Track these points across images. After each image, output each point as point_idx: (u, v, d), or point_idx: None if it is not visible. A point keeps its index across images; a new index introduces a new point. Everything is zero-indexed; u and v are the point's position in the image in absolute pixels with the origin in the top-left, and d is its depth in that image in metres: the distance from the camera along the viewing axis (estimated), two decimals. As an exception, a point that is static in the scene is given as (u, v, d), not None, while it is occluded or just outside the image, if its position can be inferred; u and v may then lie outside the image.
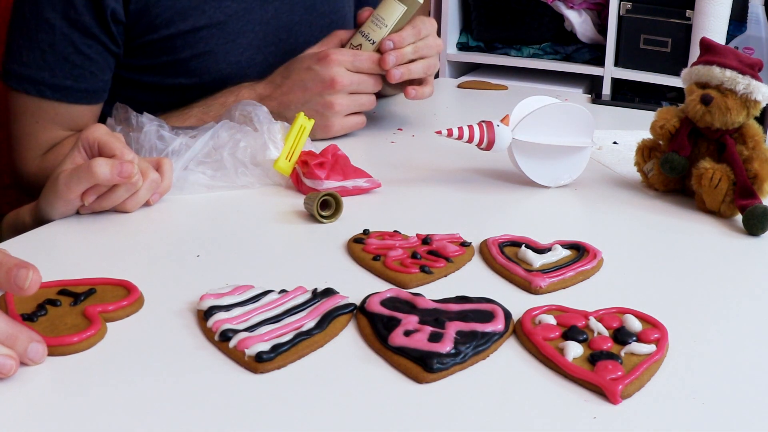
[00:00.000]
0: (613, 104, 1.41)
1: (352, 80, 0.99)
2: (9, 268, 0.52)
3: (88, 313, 0.58)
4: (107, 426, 0.47)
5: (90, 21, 0.95)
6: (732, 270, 0.73)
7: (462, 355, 0.54)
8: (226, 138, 0.86)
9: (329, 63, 0.98)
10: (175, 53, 1.01)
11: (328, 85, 0.98)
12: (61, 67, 0.96)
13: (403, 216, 0.81)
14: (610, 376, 0.52)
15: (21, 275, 0.52)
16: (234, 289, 0.61)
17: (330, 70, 0.98)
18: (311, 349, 0.55)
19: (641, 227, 0.82)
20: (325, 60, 0.98)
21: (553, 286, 0.65)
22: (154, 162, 0.79)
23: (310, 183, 0.84)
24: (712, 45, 0.84)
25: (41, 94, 0.97)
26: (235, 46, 1.03)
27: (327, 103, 0.99)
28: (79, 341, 0.55)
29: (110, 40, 0.97)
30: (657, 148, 0.89)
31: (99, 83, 0.99)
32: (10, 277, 0.52)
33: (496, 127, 0.87)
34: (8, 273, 0.52)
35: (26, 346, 0.52)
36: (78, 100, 0.98)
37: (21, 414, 0.48)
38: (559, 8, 2.37)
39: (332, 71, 0.98)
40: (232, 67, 1.04)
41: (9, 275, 0.52)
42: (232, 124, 0.88)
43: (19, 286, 0.52)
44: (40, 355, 0.52)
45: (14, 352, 0.51)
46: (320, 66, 0.98)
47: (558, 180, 0.90)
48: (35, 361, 0.52)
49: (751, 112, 0.83)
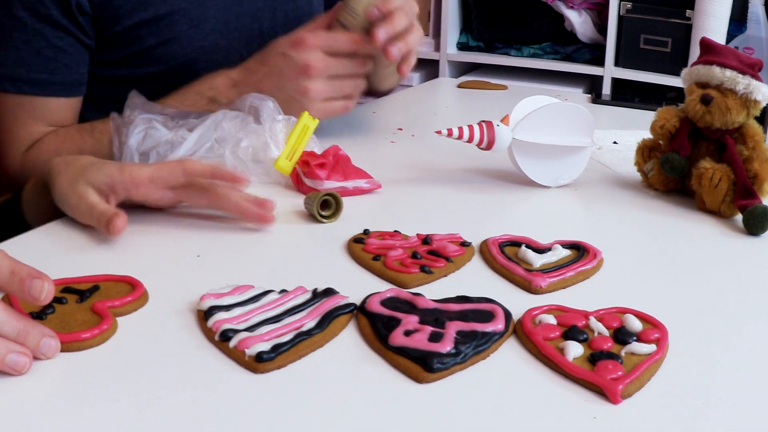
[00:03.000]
0: (613, 104, 1.41)
1: (328, 64, 0.96)
2: (22, 278, 0.52)
3: (96, 309, 0.58)
4: (107, 426, 0.47)
5: (58, 14, 0.96)
6: (732, 270, 0.73)
7: (462, 355, 0.54)
8: (232, 131, 0.86)
9: (304, 47, 0.95)
10: (141, 42, 1.01)
11: (302, 71, 0.95)
12: (35, 61, 0.97)
13: (403, 216, 0.81)
14: (611, 376, 0.52)
15: (36, 286, 0.52)
16: (234, 289, 0.61)
17: (304, 55, 0.95)
18: (311, 349, 0.55)
19: (641, 227, 0.82)
20: (300, 44, 0.95)
21: (553, 286, 0.65)
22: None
23: (310, 183, 0.84)
24: (712, 45, 0.84)
25: (19, 90, 0.98)
26: (199, 31, 1.03)
27: (302, 89, 0.95)
28: (92, 337, 0.55)
29: (81, 32, 0.98)
30: (657, 148, 0.89)
31: (74, 75, 1.00)
32: (24, 288, 0.52)
33: (496, 127, 0.87)
34: (22, 283, 0.52)
35: (38, 341, 0.52)
36: (54, 93, 0.99)
37: (23, 414, 0.48)
38: (559, 8, 2.37)
39: (307, 56, 0.95)
40: (197, 51, 1.03)
41: (23, 286, 0.52)
42: (235, 114, 0.88)
43: (34, 296, 0.52)
44: (53, 350, 0.53)
45: (27, 349, 0.51)
46: (295, 51, 0.95)
47: (558, 180, 0.90)
48: (48, 356, 0.52)
49: (751, 112, 0.83)
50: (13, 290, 0.52)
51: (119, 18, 0.99)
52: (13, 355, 0.50)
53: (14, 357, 0.50)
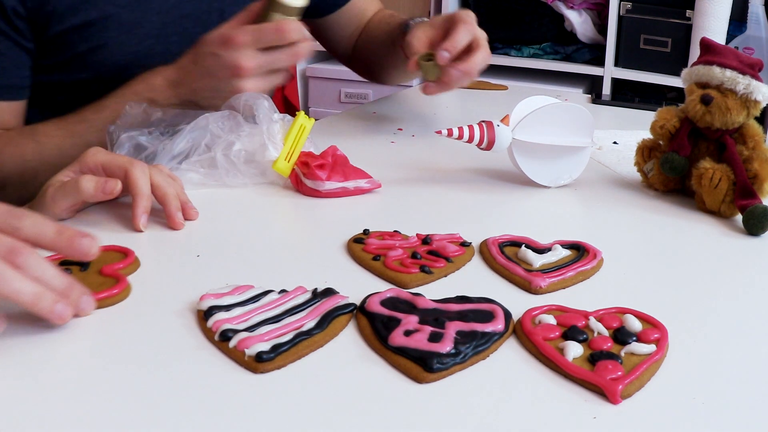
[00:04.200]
0: (613, 104, 1.41)
1: (259, 62, 0.92)
2: (71, 236, 0.57)
3: (105, 272, 0.64)
4: (107, 426, 0.47)
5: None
6: (732, 270, 0.73)
7: (462, 355, 0.54)
8: (221, 133, 0.86)
9: (233, 46, 0.91)
10: (73, 48, 0.99)
11: (234, 72, 0.91)
12: None
13: (403, 216, 0.81)
14: (610, 376, 0.52)
15: (85, 243, 0.57)
16: (234, 289, 0.61)
17: (235, 55, 0.91)
18: (311, 349, 0.55)
19: (641, 227, 0.82)
20: (229, 43, 0.91)
21: (553, 286, 0.65)
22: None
23: (310, 184, 0.84)
24: (712, 45, 0.84)
25: None
26: (131, 37, 1.01)
27: (236, 89, 0.92)
28: (119, 291, 0.61)
29: (18, 35, 0.97)
30: (657, 148, 0.89)
31: (14, 79, 0.99)
32: (73, 245, 0.57)
33: (496, 127, 0.87)
34: (71, 240, 0.57)
35: (80, 297, 0.57)
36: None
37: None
38: (559, 8, 2.37)
39: (237, 55, 0.91)
40: (128, 57, 1.01)
41: (72, 243, 0.57)
42: (223, 114, 0.88)
43: (84, 252, 0.57)
44: (90, 307, 0.58)
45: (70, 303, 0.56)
46: (224, 51, 0.92)
47: (558, 180, 0.90)
48: (86, 312, 0.58)
49: (751, 112, 0.83)
50: (61, 248, 0.57)
51: (51, 23, 0.97)
52: (60, 305, 0.55)
53: (61, 307, 0.55)
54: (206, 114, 0.89)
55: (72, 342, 0.56)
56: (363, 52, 1.30)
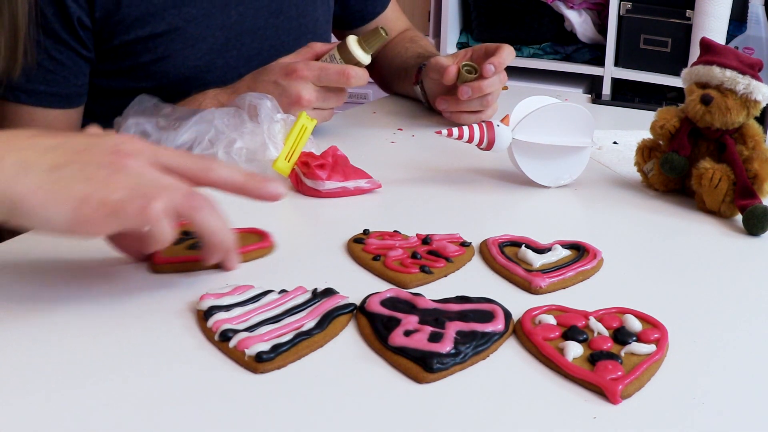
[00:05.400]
0: (613, 104, 1.41)
1: (317, 97, 0.98)
2: (260, 180, 0.62)
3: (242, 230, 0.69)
4: (106, 425, 0.47)
5: (59, 28, 0.97)
6: (732, 270, 0.73)
7: (462, 355, 0.54)
8: (225, 130, 0.86)
9: (296, 78, 0.97)
10: (136, 58, 1.02)
11: (294, 102, 0.96)
12: (35, 72, 0.97)
13: (403, 216, 0.81)
14: (610, 376, 0.52)
15: (273, 185, 0.63)
16: (234, 289, 0.61)
17: (297, 86, 0.96)
18: (311, 349, 0.55)
19: (641, 227, 0.82)
20: (293, 75, 0.97)
21: (553, 286, 0.65)
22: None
23: (311, 184, 0.84)
24: (712, 45, 0.84)
25: (17, 99, 0.98)
26: (195, 50, 1.04)
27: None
28: (270, 245, 0.70)
29: (81, 46, 0.99)
30: (657, 148, 0.89)
31: (72, 88, 1.01)
32: (263, 187, 0.62)
33: (496, 127, 0.87)
34: (261, 183, 0.62)
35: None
36: (52, 104, 1.00)
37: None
38: (559, 8, 2.37)
39: (299, 87, 0.96)
40: (191, 70, 1.04)
41: (261, 185, 0.62)
42: (227, 111, 0.88)
43: (274, 194, 0.62)
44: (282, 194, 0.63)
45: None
46: (287, 81, 0.97)
47: (558, 180, 0.90)
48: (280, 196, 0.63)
49: (751, 112, 0.83)
50: (250, 189, 0.61)
51: (118, 33, 1.00)
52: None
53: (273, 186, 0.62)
54: (213, 108, 0.90)
55: (72, 341, 0.56)
56: (380, 70, 1.32)
